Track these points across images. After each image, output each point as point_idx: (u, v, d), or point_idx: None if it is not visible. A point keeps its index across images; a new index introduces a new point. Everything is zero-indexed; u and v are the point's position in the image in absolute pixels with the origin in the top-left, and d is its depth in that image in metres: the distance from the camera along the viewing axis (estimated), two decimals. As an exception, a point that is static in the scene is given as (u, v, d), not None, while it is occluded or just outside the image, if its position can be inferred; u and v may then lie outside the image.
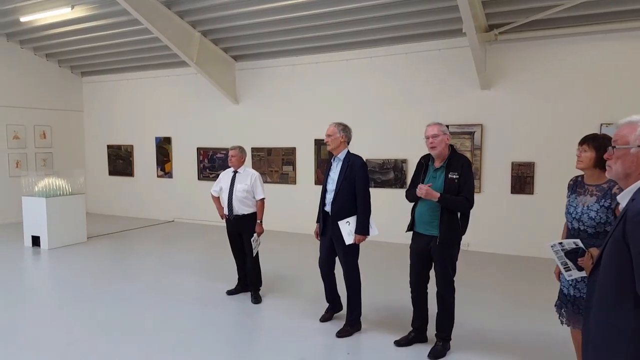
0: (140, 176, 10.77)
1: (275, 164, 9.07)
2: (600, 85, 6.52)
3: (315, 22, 7.44)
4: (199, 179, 9.96)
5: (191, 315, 4.74)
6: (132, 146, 10.80)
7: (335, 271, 4.47)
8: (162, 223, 10.03)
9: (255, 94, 9.23)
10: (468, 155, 7.34)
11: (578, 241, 2.72)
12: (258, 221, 5.07)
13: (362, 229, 4.10)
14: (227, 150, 9.50)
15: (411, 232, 3.95)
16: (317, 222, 4.44)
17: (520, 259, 6.82)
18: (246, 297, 5.19)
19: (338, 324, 4.42)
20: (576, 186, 3.03)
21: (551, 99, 6.82)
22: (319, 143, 8.55)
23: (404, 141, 7.81)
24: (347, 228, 4.07)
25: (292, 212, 8.85)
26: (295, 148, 8.86)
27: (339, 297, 4.60)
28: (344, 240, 4.09)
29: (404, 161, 7.86)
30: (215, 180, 9.47)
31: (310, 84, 8.63)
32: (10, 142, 9.94)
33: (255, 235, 5.02)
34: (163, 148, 10.37)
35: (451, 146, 3.79)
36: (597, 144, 2.84)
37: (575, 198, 2.96)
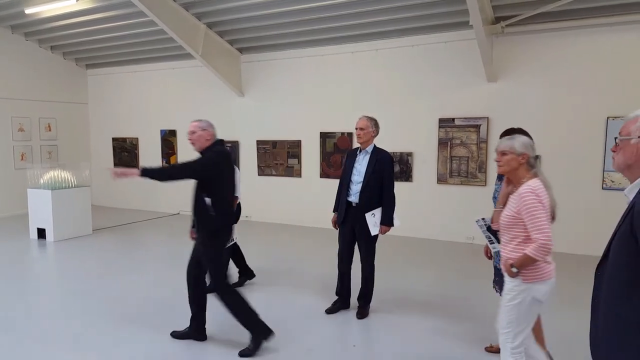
0: (145, 169, 10.77)
1: (280, 156, 9.08)
2: (607, 78, 6.49)
3: (321, 14, 7.40)
4: (203, 171, 9.97)
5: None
6: (137, 139, 10.81)
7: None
8: (168, 215, 10.07)
9: (260, 86, 9.21)
10: (474, 148, 7.34)
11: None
12: None
13: (388, 220, 4.30)
14: (232, 143, 9.52)
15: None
16: (334, 212, 4.54)
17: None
18: (251, 288, 5.22)
19: (343, 316, 4.45)
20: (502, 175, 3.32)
21: (558, 92, 6.78)
22: (324, 136, 8.54)
23: (410, 134, 7.80)
24: (373, 219, 4.23)
25: (297, 205, 8.87)
26: (300, 141, 8.86)
27: (349, 294, 4.62)
28: (369, 231, 4.25)
29: (410, 154, 7.85)
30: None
31: (316, 76, 8.61)
32: (16, 134, 9.97)
33: None
34: (168, 141, 10.38)
35: None
36: None
37: (501, 185, 3.21)
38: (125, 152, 11.03)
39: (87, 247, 7.27)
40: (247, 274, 5.40)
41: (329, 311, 4.56)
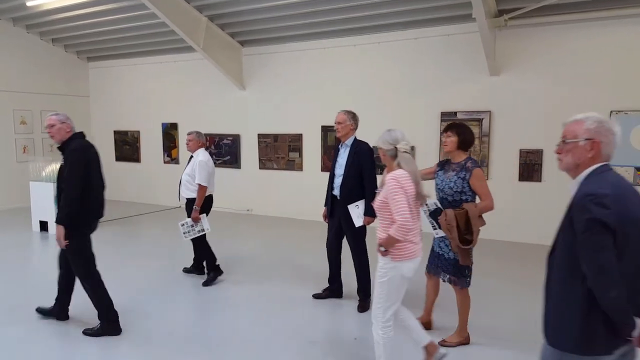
0: (147, 162, 10.80)
1: (281, 150, 9.07)
2: (611, 72, 6.44)
3: (323, 7, 7.36)
4: (205, 165, 9.97)
5: (196, 298, 4.78)
6: (138, 132, 10.81)
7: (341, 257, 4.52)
8: (169, 209, 10.08)
9: (261, 79, 9.18)
10: (476, 142, 7.30)
11: (437, 202, 3.55)
12: (195, 207, 5.05)
13: (372, 211, 4.21)
14: (233, 136, 9.52)
15: None
16: (325, 206, 4.62)
17: (528, 246, 6.81)
18: (252, 280, 5.24)
19: (344, 309, 4.46)
20: (444, 166, 3.73)
21: (561, 86, 6.74)
22: (325, 129, 8.52)
23: (412, 128, 7.75)
24: (357, 211, 4.24)
25: (298, 198, 8.86)
26: (301, 134, 8.84)
27: (341, 284, 4.71)
28: (353, 223, 4.26)
29: (412, 148, 7.81)
30: (221, 166, 9.57)
31: (318, 69, 8.57)
32: (17, 127, 9.98)
33: (188, 220, 5.09)
34: (170, 134, 10.37)
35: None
36: (459, 130, 3.60)
37: (443, 174, 3.65)
38: (126, 146, 11.03)
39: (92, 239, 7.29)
40: (199, 268, 5.50)
41: (316, 296, 4.71)
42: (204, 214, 5.17)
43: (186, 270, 5.59)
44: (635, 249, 1.84)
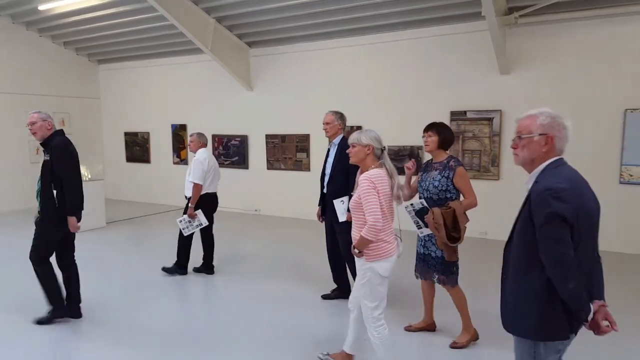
0: (156, 163, 10.88)
1: (289, 150, 9.05)
2: (625, 70, 6.29)
3: (330, 7, 7.32)
4: (214, 166, 10.01)
5: (200, 297, 4.79)
6: (148, 133, 10.89)
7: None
8: (179, 209, 10.12)
9: (269, 80, 9.18)
10: (486, 141, 7.21)
11: (423, 201, 3.60)
12: (190, 205, 5.24)
13: None
14: (241, 137, 9.53)
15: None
16: (318, 205, 4.72)
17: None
18: (259, 280, 5.22)
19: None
20: (427, 166, 3.78)
21: (573, 84, 6.61)
22: (333, 130, 8.47)
23: (420, 127, 7.63)
24: (342, 206, 4.28)
25: (306, 199, 8.82)
26: (309, 135, 8.81)
27: (348, 283, 4.66)
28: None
29: (420, 148, 7.74)
30: (229, 167, 9.59)
31: (325, 69, 8.54)
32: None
33: (184, 216, 5.28)
34: (179, 135, 10.43)
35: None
36: (439, 130, 3.69)
37: (426, 174, 3.69)
38: (137, 147, 11.12)
39: (102, 239, 7.38)
40: (208, 267, 5.59)
41: (325, 297, 4.72)
42: (199, 210, 5.30)
43: (196, 270, 5.62)
44: (588, 239, 1.94)
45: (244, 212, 9.46)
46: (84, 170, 8.06)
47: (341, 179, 4.33)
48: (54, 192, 3.94)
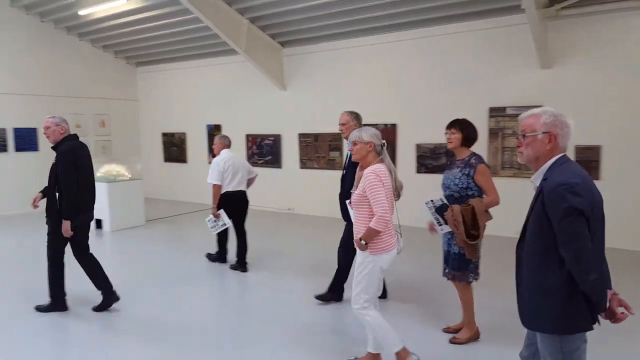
0: (193, 162, 11.12)
1: (322, 149, 9.05)
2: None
3: (363, 4, 7.25)
4: (248, 165, 10.13)
5: (238, 292, 4.85)
6: (185, 134, 11.14)
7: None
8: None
9: (302, 79, 9.20)
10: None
11: (443, 198, 3.60)
12: (212, 205, 5.42)
13: None
14: (275, 136, 9.60)
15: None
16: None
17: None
18: (289, 278, 5.25)
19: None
20: (450, 164, 3.73)
21: (619, 78, 6.30)
22: (366, 128, 8.40)
23: (456, 125, 7.52)
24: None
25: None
26: (342, 133, 8.76)
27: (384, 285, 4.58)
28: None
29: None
30: (262, 166, 9.69)
31: (358, 67, 8.48)
32: (73, 130, 10.37)
33: (210, 216, 5.53)
34: (214, 135, 10.57)
35: None
36: (462, 127, 3.56)
37: (449, 172, 3.65)
38: (174, 147, 11.40)
39: (142, 236, 7.65)
40: (242, 264, 5.67)
41: (319, 297, 4.69)
42: (222, 210, 5.46)
43: (232, 267, 5.73)
44: (598, 230, 1.99)
45: (277, 211, 9.54)
46: (124, 170, 8.39)
47: (354, 179, 4.35)
48: (57, 194, 4.12)
